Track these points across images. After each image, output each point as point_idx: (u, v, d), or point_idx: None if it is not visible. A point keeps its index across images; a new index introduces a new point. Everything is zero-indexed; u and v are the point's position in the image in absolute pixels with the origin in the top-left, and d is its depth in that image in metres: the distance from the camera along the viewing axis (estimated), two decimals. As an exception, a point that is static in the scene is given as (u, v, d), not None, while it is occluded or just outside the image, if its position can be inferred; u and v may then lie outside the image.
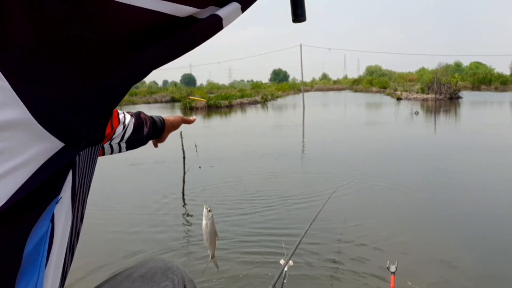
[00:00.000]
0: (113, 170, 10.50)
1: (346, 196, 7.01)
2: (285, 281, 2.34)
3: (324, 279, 4.36)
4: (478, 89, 56.73)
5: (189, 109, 34.01)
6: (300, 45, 40.88)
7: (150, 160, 11.57)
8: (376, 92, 60.96)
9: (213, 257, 1.43)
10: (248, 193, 7.76)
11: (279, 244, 4.80)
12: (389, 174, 9.00)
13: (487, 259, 4.70)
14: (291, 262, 2.44)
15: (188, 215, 6.78)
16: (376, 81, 71.66)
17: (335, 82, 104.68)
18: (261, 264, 4.68)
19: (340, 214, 6.27)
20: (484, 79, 60.00)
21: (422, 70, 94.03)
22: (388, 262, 2.50)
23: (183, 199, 7.36)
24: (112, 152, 1.44)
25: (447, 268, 4.50)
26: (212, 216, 1.49)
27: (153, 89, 72.53)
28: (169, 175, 9.30)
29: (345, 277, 4.42)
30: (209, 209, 1.35)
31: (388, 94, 50.17)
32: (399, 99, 40.03)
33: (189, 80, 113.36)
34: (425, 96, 38.86)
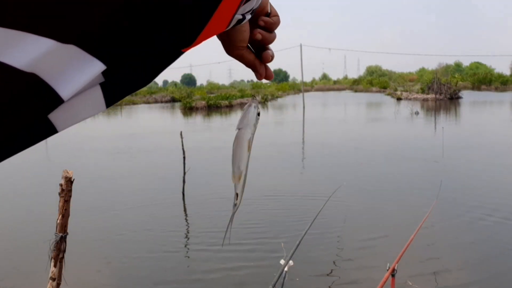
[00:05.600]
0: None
1: (346, 196, 6.99)
2: (285, 281, 2.34)
3: (324, 279, 4.36)
4: (478, 89, 56.76)
5: (189, 109, 34.00)
6: (300, 45, 40.93)
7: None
8: (376, 92, 61.00)
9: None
10: (247, 193, 7.74)
11: (279, 244, 4.79)
12: (389, 174, 8.99)
13: (488, 258, 4.70)
14: (291, 262, 2.43)
15: (187, 215, 6.78)
16: (376, 81, 71.68)
17: (335, 82, 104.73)
18: (261, 264, 4.68)
19: (340, 214, 6.26)
20: (484, 79, 60.06)
21: (422, 70, 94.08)
22: (388, 264, 2.49)
23: (183, 200, 7.35)
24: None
25: (447, 268, 4.49)
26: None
27: (153, 89, 72.51)
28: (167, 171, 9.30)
29: (344, 277, 4.41)
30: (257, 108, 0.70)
31: (388, 94, 50.20)
32: (399, 99, 40.06)
33: (189, 80, 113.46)
34: (425, 96, 38.89)
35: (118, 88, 0.48)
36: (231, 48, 0.60)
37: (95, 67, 0.43)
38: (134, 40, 0.44)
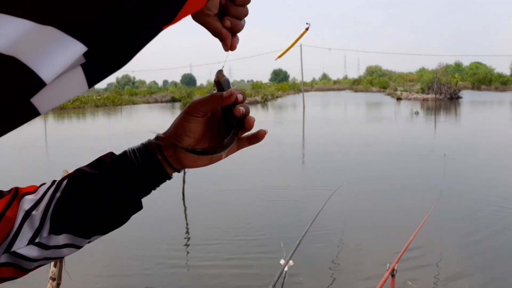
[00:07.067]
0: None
1: (346, 196, 6.99)
2: (285, 281, 2.34)
3: (324, 279, 4.36)
4: (478, 89, 56.82)
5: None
6: (300, 45, 40.90)
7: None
8: (376, 92, 61.04)
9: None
10: (247, 193, 7.75)
11: (279, 244, 4.79)
12: (389, 174, 8.99)
13: (489, 258, 4.70)
14: (291, 262, 2.43)
15: (187, 215, 6.78)
16: (376, 81, 71.80)
17: (335, 82, 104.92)
18: (261, 264, 4.68)
19: (340, 214, 6.26)
20: (484, 79, 60.14)
21: (422, 70, 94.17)
22: (388, 264, 2.50)
23: (183, 200, 7.35)
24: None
25: (447, 269, 4.49)
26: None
27: (153, 89, 72.59)
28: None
29: (344, 277, 4.42)
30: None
31: (388, 94, 50.22)
32: (399, 99, 40.08)
33: (189, 80, 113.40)
34: (425, 96, 38.91)
35: (100, 67, 0.46)
36: (198, 13, 0.57)
37: (76, 49, 0.42)
38: (115, 20, 0.43)
